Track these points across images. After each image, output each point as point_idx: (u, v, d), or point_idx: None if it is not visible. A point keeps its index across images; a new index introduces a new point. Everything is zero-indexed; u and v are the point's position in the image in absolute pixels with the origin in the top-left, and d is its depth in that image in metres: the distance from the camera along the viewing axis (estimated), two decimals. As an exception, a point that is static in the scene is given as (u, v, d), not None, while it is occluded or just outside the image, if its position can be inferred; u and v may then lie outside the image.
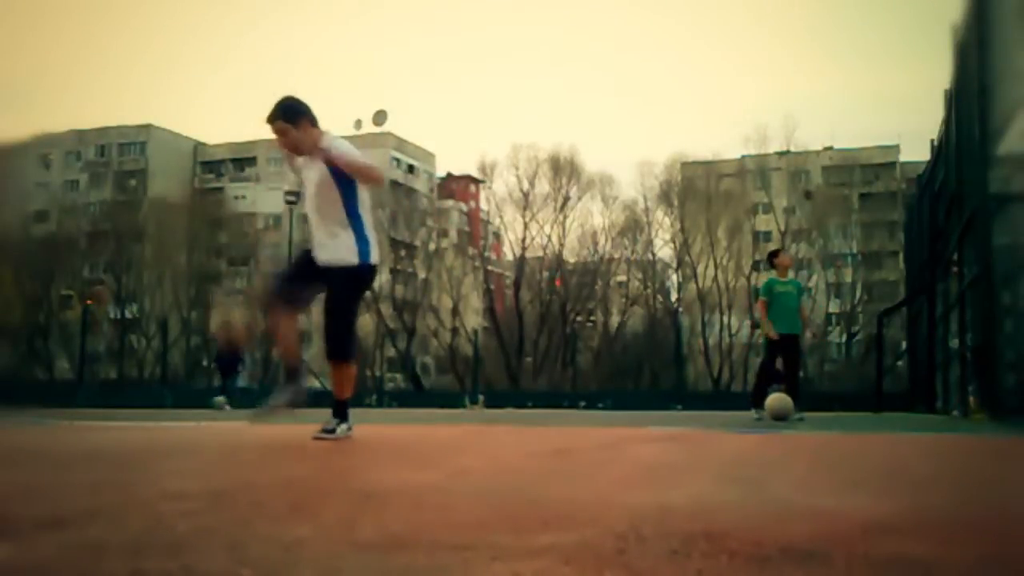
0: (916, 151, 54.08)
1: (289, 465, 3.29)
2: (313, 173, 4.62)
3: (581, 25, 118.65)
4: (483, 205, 65.29)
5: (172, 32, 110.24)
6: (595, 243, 56.99)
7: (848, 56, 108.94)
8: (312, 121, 4.60)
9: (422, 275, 58.57)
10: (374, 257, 4.68)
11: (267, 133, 4.76)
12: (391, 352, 56.08)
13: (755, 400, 9.75)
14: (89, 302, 44.03)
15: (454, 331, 56.45)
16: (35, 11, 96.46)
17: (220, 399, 17.30)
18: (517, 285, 56.62)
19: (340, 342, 4.63)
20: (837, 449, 4.63)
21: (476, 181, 66.40)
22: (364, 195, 4.69)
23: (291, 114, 4.56)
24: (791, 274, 10.48)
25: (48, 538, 1.45)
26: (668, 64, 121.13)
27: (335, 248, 4.60)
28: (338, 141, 4.63)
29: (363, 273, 4.66)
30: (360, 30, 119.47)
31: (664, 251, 56.98)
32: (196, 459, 3.63)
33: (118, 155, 66.04)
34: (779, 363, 9.89)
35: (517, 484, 2.50)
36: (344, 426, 4.69)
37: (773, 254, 10.47)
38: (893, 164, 59.36)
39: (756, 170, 58.20)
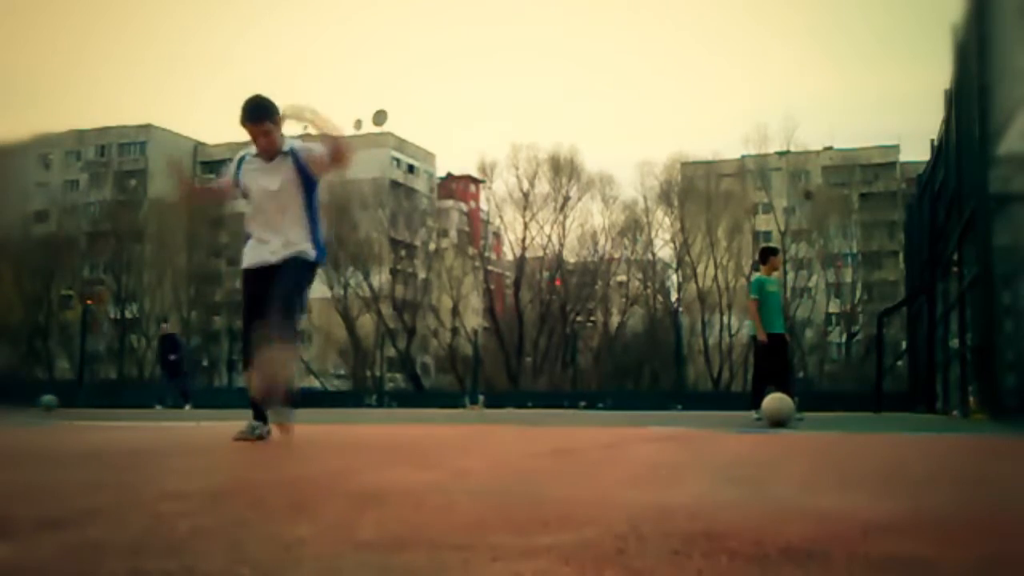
0: (916, 151, 54.21)
1: (289, 465, 3.29)
2: (274, 174, 4.53)
3: (581, 25, 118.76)
4: (483, 205, 65.30)
5: (172, 32, 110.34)
6: (595, 243, 56.98)
7: (848, 56, 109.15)
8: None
9: (422, 275, 58.56)
10: (323, 259, 4.71)
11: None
12: (391, 352, 56.03)
13: (755, 402, 9.75)
14: (89, 302, 44.02)
15: (454, 331, 56.45)
16: (35, 11, 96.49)
17: (49, 398, 16.91)
18: (517, 285, 56.57)
19: (288, 320, 4.36)
20: (837, 449, 4.63)
21: (476, 181, 66.37)
22: (319, 197, 4.65)
23: (275, 113, 4.49)
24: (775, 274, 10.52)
25: (48, 538, 1.45)
26: (668, 64, 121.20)
27: (296, 241, 4.53)
28: (302, 143, 4.63)
29: (313, 268, 4.63)
30: (360, 30, 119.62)
31: (664, 251, 56.98)
32: (196, 459, 3.63)
33: (118, 155, 66.00)
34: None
35: (517, 484, 2.50)
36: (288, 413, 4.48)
37: (772, 252, 10.39)
38: (893, 164, 59.36)
39: (756, 170, 58.16)
